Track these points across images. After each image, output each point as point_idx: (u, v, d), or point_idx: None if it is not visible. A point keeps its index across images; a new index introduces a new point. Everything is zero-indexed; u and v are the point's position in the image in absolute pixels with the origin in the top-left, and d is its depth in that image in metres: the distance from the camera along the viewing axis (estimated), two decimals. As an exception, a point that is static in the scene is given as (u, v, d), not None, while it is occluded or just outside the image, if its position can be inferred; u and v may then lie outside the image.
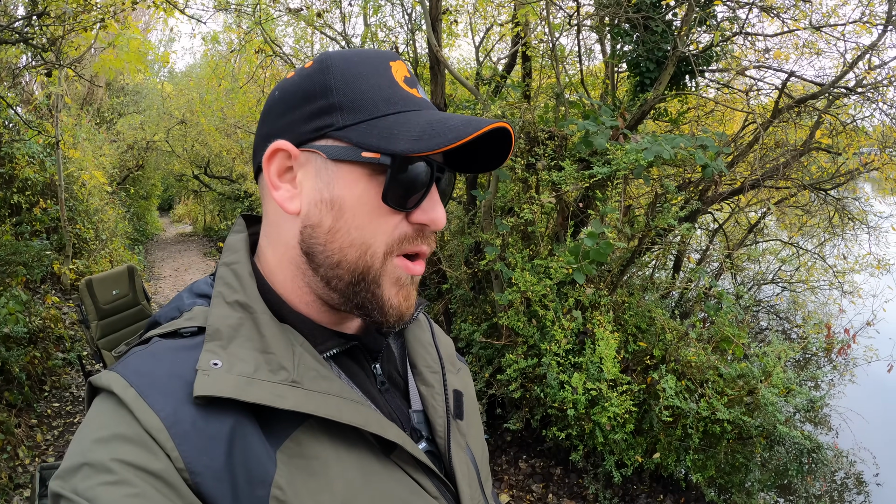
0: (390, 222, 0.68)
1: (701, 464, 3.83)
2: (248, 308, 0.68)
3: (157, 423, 0.57)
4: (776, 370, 3.71)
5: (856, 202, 6.11)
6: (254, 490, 0.59)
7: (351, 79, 0.68)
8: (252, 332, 0.66)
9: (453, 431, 0.79)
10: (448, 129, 0.64)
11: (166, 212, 24.43)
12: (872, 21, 4.20)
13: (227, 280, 0.71)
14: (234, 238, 0.76)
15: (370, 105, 0.67)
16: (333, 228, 0.68)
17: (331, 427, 0.65)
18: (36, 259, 6.18)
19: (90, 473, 0.54)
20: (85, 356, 5.79)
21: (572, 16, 4.60)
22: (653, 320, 4.15)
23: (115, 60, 6.48)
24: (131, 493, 0.53)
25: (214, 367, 0.61)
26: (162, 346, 0.67)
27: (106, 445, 0.56)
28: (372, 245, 0.67)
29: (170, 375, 0.62)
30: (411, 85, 0.71)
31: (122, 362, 0.65)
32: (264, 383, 0.62)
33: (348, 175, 0.67)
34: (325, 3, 6.66)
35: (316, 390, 0.65)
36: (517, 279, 3.87)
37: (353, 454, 0.66)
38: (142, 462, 0.55)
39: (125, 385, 0.60)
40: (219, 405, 0.60)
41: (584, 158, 3.95)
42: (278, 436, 0.62)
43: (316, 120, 0.67)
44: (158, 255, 13.92)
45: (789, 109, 4.66)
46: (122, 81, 13.13)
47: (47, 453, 4.38)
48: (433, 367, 0.84)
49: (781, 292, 7.06)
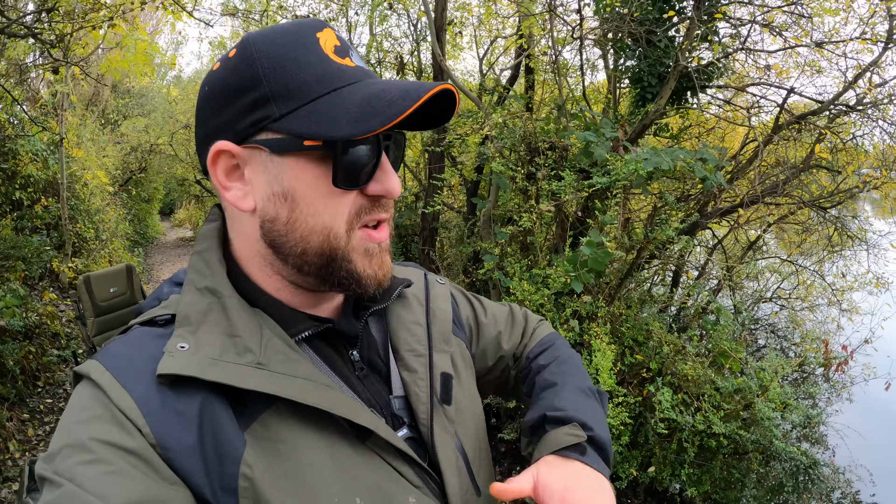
0: (345, 201, 0.68)
1: (696, 478, 3.81)
2: (216, 293, 0.69)
3: (130, 402, 0.59)
4: (773, 385, 3.71)
5: (855, 220, 6.12)
6: (224, 467, 0.60)
7: (278, 63, 0.65)
8: (220, 316, 0.68)
9: (438, 417, 0.77)
10: (387, 105, 0.62)
11: (167, 216, 24.43)
12: (874, 39, 4.23)
13: (197, 267, 0.72)
14: (206, 227, 0.78)
15: (303, 88, 0.64)
16: (291, 219, 0.67)
17: (300, 410, 0.65)
18: (35, 255, 6.19)
19: (70, 454, 0.56)
20: (80, 353, 5.77)
21: (575, 29, 4.64)
22: (650, 333, 4.14)
23: (121, 61, 6.51)
24: (109, 470, 0.55)
25: (181, 349, 0.63)
26: (138, 332, 0.70)
27: (84, 426, 0.58)
28: (332, 227, 0.68)
29: (143, 359, 0.64)
30: (342, 54, 0.68)
31: (102, 350, 0.68)
32: (229, 364, 0.63)
33: (294, 165, 0.66)
34: (332, 11, 6.72)
35: (282, 372, 0.65)
36: (515, 288, 3.87)
37: (324, 439, 0.66)
38: (118, 440, 0.57)
39: (102, 370, 0.63)
40: (187, 385, 0.62)
41: (584, 169, 3.97)
42: (248, 417, 0.64)
43: (251, 114, 0.65)
44: (158, 258, 13.91)
45: (789, 126, 4.69)
46: (127, 84, 13.19)
47: (38, 448, 4.36)
48: (418, 350, 0.82)
49: (780, 310, 7.05)
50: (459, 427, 0.82)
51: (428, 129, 0.77)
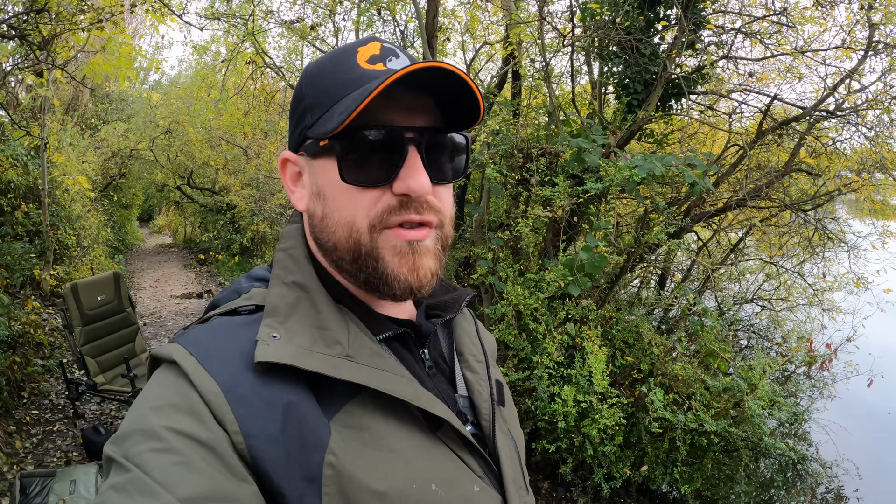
0: (367, 198, 0.69)
1: (688, 476, 3.88)
2: (305, 288, 0.72)
3: (215, 387, 0.60)
4: (762, 383, 3.78)
5: (834, 222, 6.26)
6: (309, 455, 0.60)
7: (315, 78, 0.72)
8: (309, 309, 0.70)
9: (497, 417, 0.81)
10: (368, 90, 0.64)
11: (146, 222, 24.10)
12: (854, 47, 4.34)
13: (284, 263, 0.75)
14: (289, 227, 0.81)
15: (329, 96, 0.70)
16: (324, 215, 0.72)
17: (382, 401, 0.67)
18: (17, 262, 6.08)
19: (141, 439, 0.56)
20: (67, 363, 5.67)
21: (566, 36, 4.70)
22: (640, 335, 4.20)
23: (104, 65, 6.44)
24: (178, 460, 0.55)
25: (274, 338, 0.64)
26: (221, 321, 0.70)
27: (158, 413, 0.58)
28: (354, 222, 0.69)
29: (229, 346, 0.65)
30: (375, 61, 0.71)
31: (182, 335, 0.68)
32: (321, 355, 0.65)
33: (322, 165, 0.71)
34: (319, 16, 6.72)
35: (369, 365, 0.67)
36: (509, 292, 3.90)
37: (404, 429, 0.68)
38: (191, 431, 0.57)
39: (185, 353, 0.63)
40: (276, 374, 0.63)
41: (576, 175, 4.02)
42: (332, 407, 0.65)
43: (299, 125, 0.74)
44: (138, 265, 13.72)
45: (772, 132, 4.80)
46: (107, 88, 13.01)
47: (26, 461, 4.27)
48: (478, 357, 0.87)
49: (761, 311, 7.17)
50: (511, 427, 0.87)
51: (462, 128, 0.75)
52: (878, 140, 4.80)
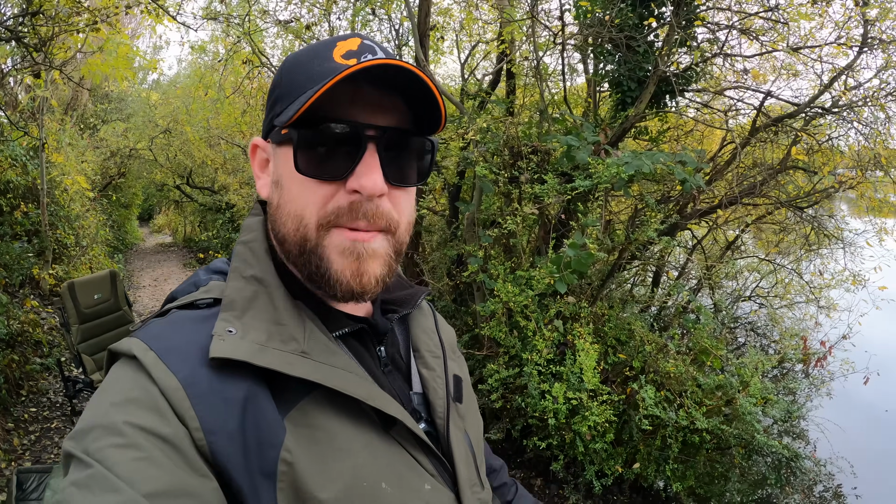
0: (319, 193, 0.68)
1: (680, 473, 3.88)
2: (262, 282, 0.71)
3: (175, 383, 0.60)
4: (754, 380, 3.79)
5: (831, 219, 6.26)
6: (265, 452, 0.61)
7: (290, 70, 0.72)
8: (266, 304, 0.69)
9: (452, 414, 0.82)
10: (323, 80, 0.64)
11: (146, 222, 24.15)
12: (848, 43, 4.34)
13: (243, 256, 0.74)
14: (251, 220, 0.80)
15: (297, 87, 0.69)
16: (279, 204, 0.72)
17: (335, 399, 0.67)
18: (16, 262, 6.11)
19: (101, 434, 0.56)
20: (64, 361, 5.71)
21: (557, 35, 4.70)
22: (632, 333, 4.21)
23: (102, 65, 6.47)
24: (139, 456, 0.55)
25: (229, 333, 0.64)
26: (179, 315, 0.70)
27: (120, 409, 0.58)
28: (304, 216, 0.69)
29: (187, 341, 0.65)
30: (350, 56, 0.69)
31: (140, 329, 0.68)
32: (276, 351, 0.65)
33: (282, 154, 0.72)
34: (314, 16, 6.73)
35: (324, 362, 0.67)
36: (499, 290, 3.91)
37: (356, 427, 0.68)
38: (152, 426, 0.57)
39: (145, 348, 0.63)
40: (233, 369, 0.63)
41: (567, 172, 4.03)
42: (287, 404, 0.65)
43: (270, 113, 0.74)
44: (138, 264, 13.77)
45: (766, 129, 4.80)
46: (106, 88, 13.05)
47: (24, 458, 4.31)
48: (435, 352, 0.87)
49: (759, 308, 7.18)
50: (467, 424, 0.87)
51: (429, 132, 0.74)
52: (873, 137, 4.80)
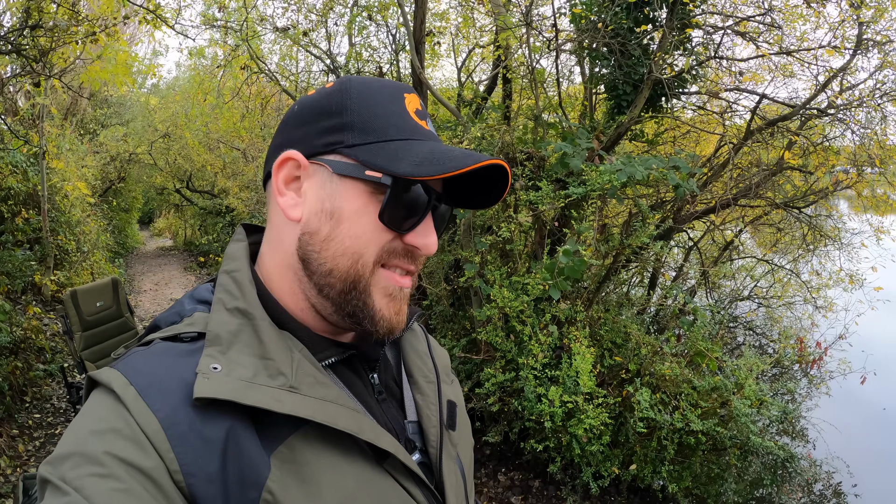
0: (384, 238, 0.70)
1: (677, 475, 3.92)
2: (247, 315, 0.69)
3: (155, 424, 0.58)
4: (748, 382, 3.83)
5: (828, 219, 6.30)
6: (245, 492, 0.59)
7: (366, 102, 0.71)
8: (251, 338, 0.68)
9: (445, 442, 0.82)
10: (449, 159, 0.67)
11: (146, 225, 24.21)
12: (843, 45, 4.37)
13: (227, 287, 0.72)
14: (234, 246, 0.78)
15: (380, 129, 0.70)
16: (329, 237, 0.70)
17: (326, 434, 0.66)
18: (18, 269, 6.15)
19: (80, 463, 0.55)
20: (67, 367, 5.76)
21: (551, 40, 4.74)
22: (628, 336, 4.25)
23: (101, 72, 6.52)
24: (118, 487, 0.54)
25: (214, 370, 0.63)
26: (163, 348, 0.68)
27: (100, 438, 0.57)
28: (364, 255, 0.70)
29: (170, 377, 0.63)
30: (421, 117, 0.75)
31: (123, 360, 0.66)
32: (263, 388, 0.63)
33: (351, 190, 0.70)
34: (311, 22, 6.77)
35: (313, 396, 0.66)
36: (495, 295, 3.95)
37: (348, 461, 0.67)
38: (133, 458, 0.56)
39: (125, 383, 0.61)
40: (216, 408, 0.61)
41: (561, 179, 4.07)
42: (273, 441, 0.63)
43: (328, 136, 0.71)
44: (139, 268, 13.81)
45: (761, 131, 4.83)
46: (105, 93, 13.10)
47: (29, 464, 4.36)
48: (429, 377, 0.87)
49: (757, 308, 7.22)
50: (460, 450, 0.88)
51: (474, 207, 0.80)
52: (868, 137, 4.84)
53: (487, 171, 0.73)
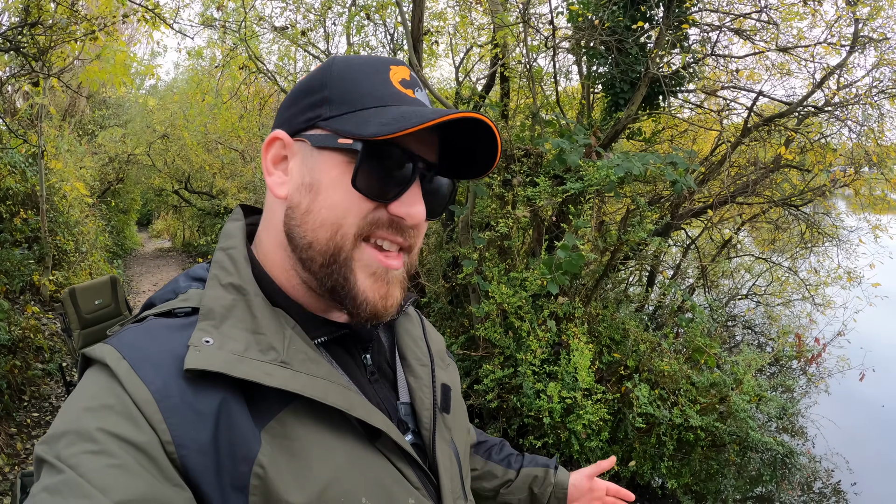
0: (364, 207, 0.69)
1: (676, 471, 3.92)
2: (241, 290, 0.70)
3: (147, 395, 0.58)
4: (747, 378, 3.83)
5: (826, 217, 6.31)
6: (237, 466, 0.60)
7: (346, 76, 0.71)
8: (244, 313, 0.68)
9: (439, 425, 0.81)
10: (417, 117, 0.64)
11: (144, 227, 24.20)
12: (839, 42, 4.38)
13: (222, 264, 0.72)
14: (231, 225, 0.79)
15: (357, 99, 0.70)
16: (308, 209, 0.70)
17: (317, 410, 0.66)
18: (17, 268, 6.15)
19: (74, 440, 0.55)
20: (66, 366, 5.75)
21: (548, 38, 4.76)
22: (627, 332, 4.25)
23: (100, 72, 6.51)
24: (113, 463, 0.54)
25: (206, 344, 0.63)
26: (156, 323, 0.68)
27: (93, 415, 0.57)
28: (343, 226, 0.69)
29: (162, 351, 0.63)
30: (407, 86, 0.73)
31: (116, 336, 0.66)
32: (254, 361, 0.63)
33: (329, 161, 0.69)
34: (310, 22, 6.78)
35: (304, 372, 0.66)
36: (494, 291, 3.96)
37: (338, 438, 0.67)
38: (126, 434, 0.56)
39: (118, 357, 0.61)
40: (208, 381, 0.61)
41: (559, 175, 4.08)
42: (264, 416, 0.63)
43: (309, 112, 0.71)
44: (137, 269, 13.80)
45: (758, 128, 4.84)
46: (103, 94, 13.10)
47: (27, 462, 4.35)
48: (422, 361, 0.86)
49: (756, 306, 7.22)
50: (455, 434, 0.86)
51: (474, 176, 0.78)
52: (865, 135, 4.85)
53: (476, 132, 0.71)
